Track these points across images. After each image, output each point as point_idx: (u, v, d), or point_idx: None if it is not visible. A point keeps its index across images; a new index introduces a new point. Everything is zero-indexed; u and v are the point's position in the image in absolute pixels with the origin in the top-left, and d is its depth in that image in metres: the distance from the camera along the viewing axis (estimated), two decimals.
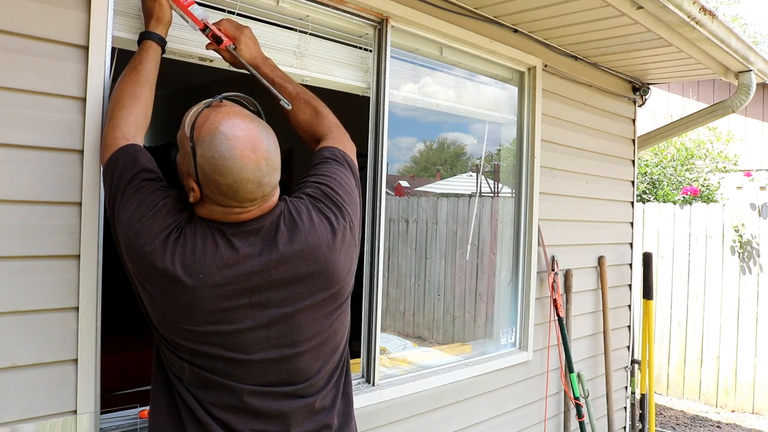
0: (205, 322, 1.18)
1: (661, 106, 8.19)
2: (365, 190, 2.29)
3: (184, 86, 5.04)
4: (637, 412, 4.03)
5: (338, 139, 1.53)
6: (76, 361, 1.51)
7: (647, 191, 7.24)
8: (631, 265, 4.00)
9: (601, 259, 3.63)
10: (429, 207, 5.39)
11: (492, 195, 3.54)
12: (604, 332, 3.64)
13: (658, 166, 7.40)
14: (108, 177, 1.30)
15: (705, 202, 6.65)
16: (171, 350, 1.24)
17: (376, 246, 2.28)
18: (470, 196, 4.26)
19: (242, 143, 1.16)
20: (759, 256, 5.32)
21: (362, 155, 2.32)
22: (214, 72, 2.35)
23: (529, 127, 3.06)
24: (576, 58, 3.28)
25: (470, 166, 4.57)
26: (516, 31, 2.83)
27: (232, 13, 1.85)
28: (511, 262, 3.13)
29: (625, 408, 4.02)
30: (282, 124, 1.61)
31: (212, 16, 1.66)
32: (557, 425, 3.34)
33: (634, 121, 3.94)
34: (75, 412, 1.51)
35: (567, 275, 3.33)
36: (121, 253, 1.24)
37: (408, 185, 5.80)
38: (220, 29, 1.57)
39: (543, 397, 3.19)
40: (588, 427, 3.29)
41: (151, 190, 1.25)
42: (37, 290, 1.46)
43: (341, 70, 2.23)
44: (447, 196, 5.35)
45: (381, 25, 2.28)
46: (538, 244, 3.10)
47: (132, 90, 1.42)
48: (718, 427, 5.06)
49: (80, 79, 1.50)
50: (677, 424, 5.13)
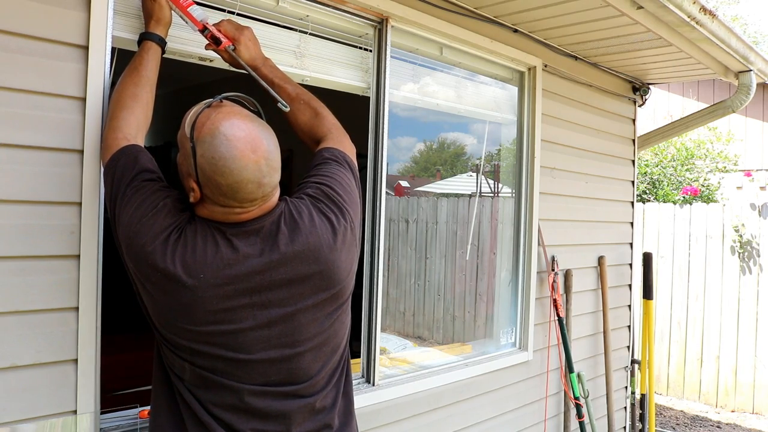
0: (206, 322, 1.18)
1: (661, 106, 8.19)
2: (365, 190, 2.29)
3: (184, 86, 5.04)
4: (637, 412, 4.03)
5: (338, 140, 1.52)
6: (76, 361, 1.51)
7: (647, 191, 7.24)
8: (631, 265, 4.00)
9: (601, 259, 3.63)
10: (429, 207, 5.39)
11: (492, 195, 3.54)
12: (604, 332, 3.64)
13: (658, 166, 7.40)
14: (109, 178, 1.31)
15: (705, 202, 6.65)
16: (172, 350, 1.24)
17: (376, 246, 2.28)
18: (470, 196, 4.26)
19: (242, 143, 1.16)
20: (759, 256, 5.32)
21: (362, 155, 2.32)
22: (214, 72, 2.35)
23: (529, 127, 3.06)
24: (576, 58, 3.28)
25: (470, 166, 4.57)
26: (516, 31, 2.83)
27: (232, 13, 1.85)
28: (511, 262, 3.12)
29: (625, 408, 4.02)
30: (282, 125, 1.61)
31: (212, 17, 1.66)
32: (557, 425, 3.34)
33: (634, 121, 3.94)
34: (75, 412, 1.51)
35: (567, 275, 3.33)
36: (122, 254, 1.24)
37: (408, 185, 5.80)
38: (219, 30, 1.57)
39: (543, 397, 3.19)
40: (588, 427, 3.29)
41: (152, 191, 1.25)
42: (37, 290, 1.46)
43: (341, 70, 2.23)
44: (447, 196, 5.35)
45: (381, 25, 2.28)
46: (538, 244, 3.10)
47: (132, 90, 1.43)
48: (718, 427, 5.06)
49: (80, 79, 1.50)
50: (677, 424, 5.13)
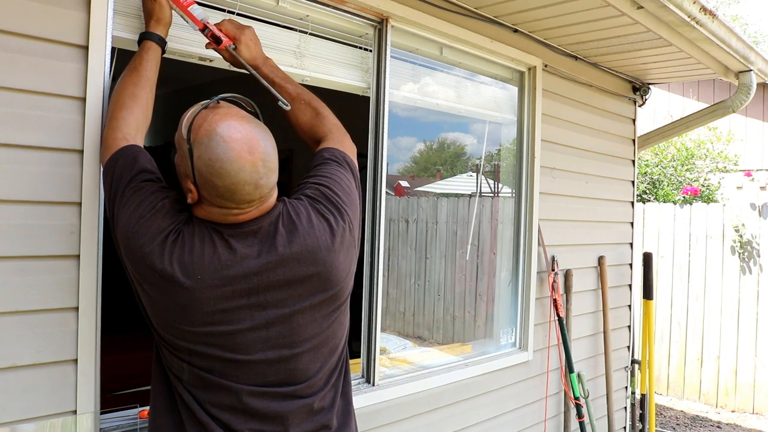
0: (204, 323, 1.18)
1: (662, 106, 8.18)
2: (365, 190, 2.29)
3: (184, 86, 5.04)
4: (637, 412, 4.03)
5: (339, 140, 1.52)
6: (76, 361, 1.51)
7: (647, 191, 7.24)
8: (631, 265, 4.00)
9: (601, 259, 3.63)
10: (429, 207, 5.39)
11: (492, 195, 3.54)
12: (604, 332, 3.64)
13: (659, 166, 7.40)
14: (108, 178, 1.31)
15: (705, 202, 6.64)
16: (170, 351, 1.24)
17: (376, 246, 2.28)
18: (470, 196, 4.27)
19: (239, 145, 1.16)
20: (759, 256, 5.32)
21: (362, 155, 2.32)
22: (214, 72, 2.34)
23: (529, 127, 3.06)
24: (576, 58, 3.28)
25: (470, 166, 4.58)
26: (516, 31, 2.83)
27: (232, 13, 1.85)
28: (511, 262, 3.12)
29: (625, 408, 4.01)
30: (282, 125, 1.61)
31: (212, 17, 1.66)
32: (557, 425, 3.34)
33: (634, 121, 3.94)
34: (75, 412, 1.51)
35: (567, 275, 3.33)
36: (120, 254, 1.24)
37: (408, 185, 5.80)
38: (220, 29, 1.57)
39: (543, 397, 3.19)
40: (588, 427, 3.29)
41: (150, 191, 1.25)
42: (37, 290, 1.46)
43: (341, 70, 2.23)
44: (447, 196, 5.35)
45: (381, 25, 2.28)
46: (538, 244, 3.10)
47: (132, 90, 1.42)
48: (719, 428, 5.06)
49: (80, 79, 1.50)
50: (677, 425, 5.13)
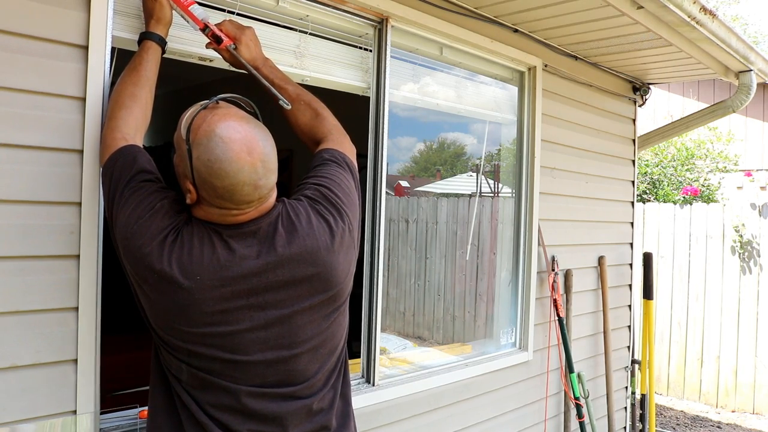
0: (202, 324, 1.18)
1: (662, 106, 8.18)
2: (365, 190, 2.29)
3: (184, 86, 5.04)
4: (638, 412, 4.03)
5: (338, 141, 1.52)
6: (76, 361, 1.51)
7: (647, 191, 7.24)
8: (631, 265, 4.00)
9: (601, 259, 3.63)
10: (429, 207, 5.39)
11: (492, 195, 3.54)
12: (605, 332, 3.64)
13: (659, 166, 7.40)
14: (107, 178, 1.30)
15: (705, 202, 6.64)
16: (169, 351, 1.24)
17: (376, 246, 2.27)
18: (470, 196, 4.26)
19: (238, 145, 1.15)
20: (759, 256, 5.32)
21: (362, 155, 2.32)
22: (214, 72, 2.34)
23: (529, 127, 3.06)
24: (576, 58, 3.28)
25: (470, 166, 4.57)
26: (516, 31, 2.83)
27: (232, 13, 1.85)
28: (511, 262, 3.12)
29: (626, 408, 4.01)
30: (282, 125, 1.61)
31: (212, 17, 1.66)
32: (557, 425, 3.34)
33: (634, 121, 3.94)
34: (75, 412, 1.51)
35: (567, 275, 3.33)
36: (119, 254, 1.24)
37: (408, 185, 5.80)
38: (221, 29, 1.57)
39: (543, 398, 3.19)
40: (588, 428, 3.29)
41: (149, 192, 1.24)
42: (37, 290, 1.45)
43: (341, 70, 2.23)
44: (447, 196, 5.35)
45: (381, 24, 2.28)
46: (538, 244, 3.10)
47: (132, 90, 1.42)
48: (719, 428, 5.06)
49: (80, 79, 1.50)
50: (677, 425, 5.13)
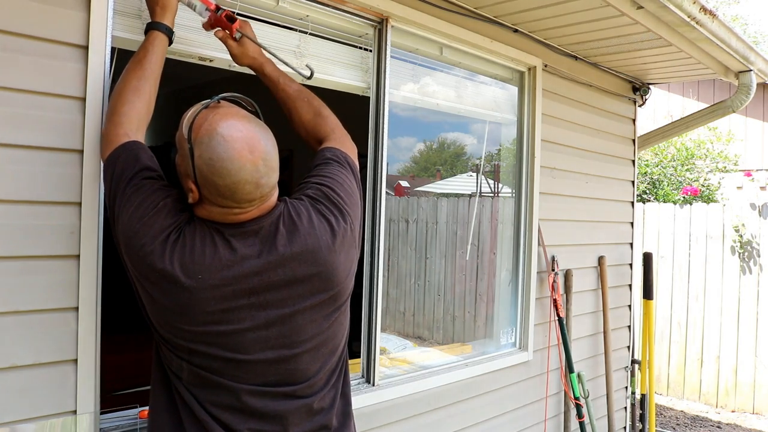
0: (204, 323, 1.18)
1: (661, 106, 8.19)
2: (365, 190, 2.29)
3: (184, 86, 5.04)
4: (638, 412, 4.03)
5: (340, 141, 1.52)
6: (76, 361, 1.51)
7: (647, 191, 7.24)
8: (631, 265, 4.00)
9: (601, 259, 3.63)
10: (429, 207, 5.39)
11: (492, 195, 3.54)
12: (605, 332, 3.64)
13: (659, 166, 7.40)
14: (108, 174, 1.30)
15: (705, 202, 6.64)
16: (169, 349, 1.24)
17: (376, 246, 2.27)
18: (470, 196, 4.27)
19: (239, 144, 1.16)
20: (759, 256, 5.32)
21: (362, 155, 2.32)
22: (214, 72, 2.35)
23: (529, 127, 3.06)
24: (576, 58, 3.28)
25: (470, 166, 4.58)
26: (516, 31, 2.83)
27: (232, 12, 1.84)
28: (511, 262, 3.12)
29: (626, 408, 4.01)
30: (282, 124, 1.61)
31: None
32: (557, 425, 3.34)
33: (634, 121, 3.94)
34: (75, 412, 1.51)
35: (567, 275, 3.33)
36: (121, 252, 1.24)
37: (408, 185, 5.80)
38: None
39: (543, 397, 3.19)
40: (588, 428, 3.29)
41: (152, 190, 1.24)
42: (37, 290, 1.45)
43: (341, 70, 2.23)
44: (447, 196, 5.36)
45: (381, 24, 2.28)
46: (538, 244, 3.10)
47: (135, 84, 1.41)
48: (719, 428, 5.06)
49: (80, 79, 1.50)
50: (677, 425, 5.13)
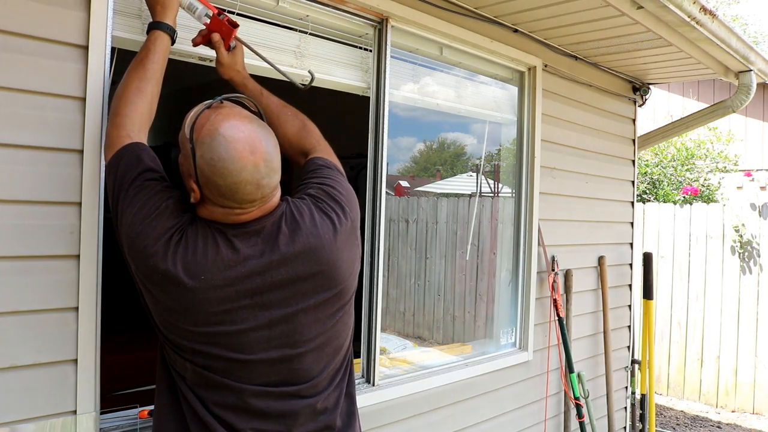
0: (207, 323, 1.19)
1: (661, 106, 8.19)
2: (365, 190, 2.29)
3: (184, 86, 5.03)
4: (638, 412, 4.03)
5: (327, 152, 1.54)
6: (76, 361, 1.51)
7: (647, 191, 7.24)
8: (631, 265, 4.00)
9: (601, 259, 3.63)
10: (429, 207, 5.39)
11: (492, 195, 3.54)
12: (605, 332, 3.64)
13: (659, 166, 7.40)
14: (111, 175, 1.30)
15: (705, 202, 6.64)
16: (173, 350, 1.24)
17: (376, 246, 2.27)
18: (470, 196, 4.27)
19: (241, 145, 1.16)
20: (759, 256, 5.32)
21: (362, 155, 2.33)
22: (214, 71, 2.34)
23: (529, 127, 3.06)
24: (576, 58, 3.28)
25: (470, 166, 4.58)
26: (516, 31, 2.83)
27: (232, 13, 1.84)
28: (511, 262, 3.12)
29: (626, 408, 4.01)
30: None
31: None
32: (557, 425, 3.34)
33: (634, 121, 3.94)
34: (75, 412, 1.51)
35: (567, 275, 3.33)
36: (124, 253, 1.24)
37: (408, 185, 5.80)
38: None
39: (543, 397, 3.19)
40: (588, 428, 3.29)
41: (155, 191, 1.25)
42: (37, 290, 1.46)
43: (341, 70, 2.23)
44: (447, 196, 5.36)
45: (381, 25, 2.28)
46: (538, 244, 3.10)
47: (137, 85, 1.41)
48: (719, 428, 5.06)
49: (80, 79, 1.50)
50: (677, 425, 5.13)
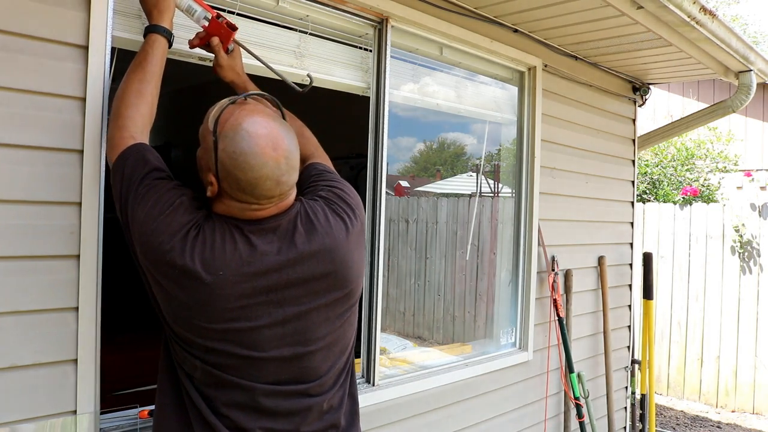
0: (222, 320, 1.19)
1: (661, 106, 8.19)
2: (365, 190, 2.29)
3: (184, 86, 5.03)
4: (638, 412, 4.03)
5: (325, 159, 1.58)
6: (76, 361, 1.51)
7: (647, 191, 7.24)
8: (631, 265, 4.00)
9: (601, 259, 3.63)
10: (429, 207, 5.39)
11: (492, 195, 3.54)
12: (605, 332, 3.64)
13: (659, 166, 7.40)
14: (117, 177, 1.30)
15: (705, 202, 6.64)
16: (184, 348, 1.24)
17: (376, 246, 2.28)
18: (470, 196, 4.27)
19: (264, 141, 1.18)
20: (759, 256, 5.32)
21: (362, 155, 2.33)
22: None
23: (529, 127, 3.06)
24: (576, 58, 3.28)
25: (470, 166, 4.58)
26: (516, 31, 2.83)
27: (232, 13, 1.85)
28: (511, 262, 3.12)
29: (626, 408, 4.01)
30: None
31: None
32: (557, 425, 3.34)
33: (634, 121, 3.94)
34: (75, 412, 1.51)
35: (567, 275, 3.33)
36: (135, 252, 1.24)
37: (408, 185, 5.80)
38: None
39: (543, 397, 3.19)
40: (588, 428, 3.29)
41: (166, 189, 1.25)
42: (37, 290, 1.46)
43: (341, 70, 2.23)
44: (447, 196, 5.36)
45: (381, 25, 2.28)
46: (538, 244, 3.10)
47: (137, 87, 1.41)
48: (719, 428, 5.06)
49: (80, 79, 1.50)
50: (677, 425, 5.13)
